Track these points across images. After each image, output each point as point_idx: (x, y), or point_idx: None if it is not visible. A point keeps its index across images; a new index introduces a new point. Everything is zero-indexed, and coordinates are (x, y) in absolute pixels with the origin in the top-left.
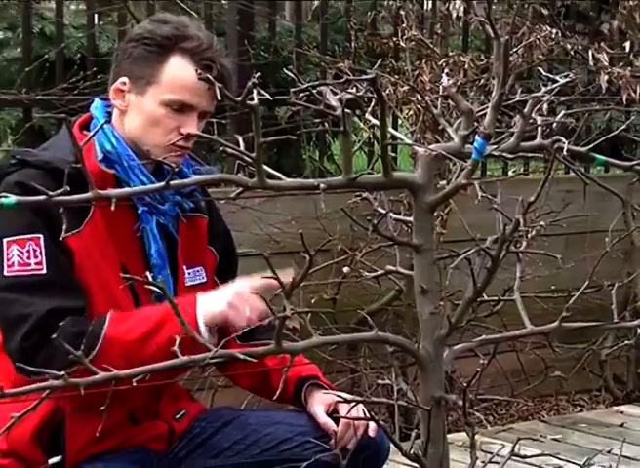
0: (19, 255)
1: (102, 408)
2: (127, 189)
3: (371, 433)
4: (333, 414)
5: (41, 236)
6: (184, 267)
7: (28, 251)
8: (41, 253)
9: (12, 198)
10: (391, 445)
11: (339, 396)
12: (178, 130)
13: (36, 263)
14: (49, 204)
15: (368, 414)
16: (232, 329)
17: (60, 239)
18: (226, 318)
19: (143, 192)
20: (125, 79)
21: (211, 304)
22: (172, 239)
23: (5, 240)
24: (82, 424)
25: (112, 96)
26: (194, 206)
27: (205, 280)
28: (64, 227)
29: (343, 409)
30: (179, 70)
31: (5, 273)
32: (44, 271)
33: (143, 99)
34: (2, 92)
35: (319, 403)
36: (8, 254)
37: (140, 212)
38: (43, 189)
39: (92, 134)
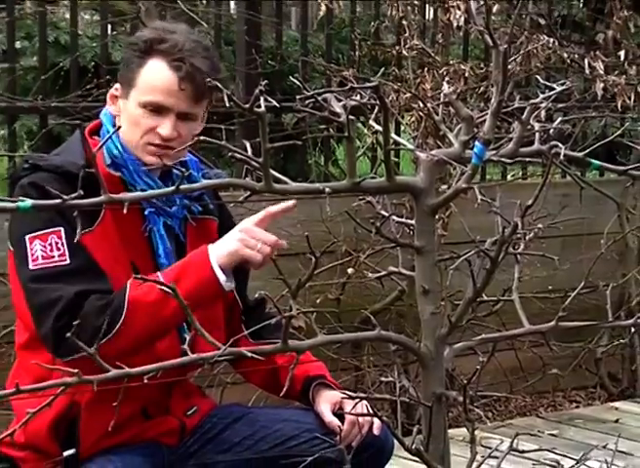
0: (42, 250)
1: (115, 404)
2: (139, 193)
3: (375, 431)
4: (338, 412)
5: (61, 229)
6: None
7: (50, 244)
8: (63, 244)
9: (28, 202)
10: (395, 441)
11: (344, 393)
12: (154, 130)
13: (59, 255)
14: (63, 207)
15: (372, 412)
16: (250, 266)
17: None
18: (241, 256)
19: (155, 196)
20: (117, 85)
21: (222, 248)
22: (180, 240)
23: (27, 236)
24: (96, 418)
25: (108, 102)
26: (204, 208)
27: None
28: (79, 229)
29: (349, 406)
30: (153, 72)
31: (30, 267)
32: (67, 261)
33: (128, 103)
34: (19, 99)
35: (325, 401)
36: (32, 250)
37: (146, 213)
38: (57, 193)
39: (104, 141)
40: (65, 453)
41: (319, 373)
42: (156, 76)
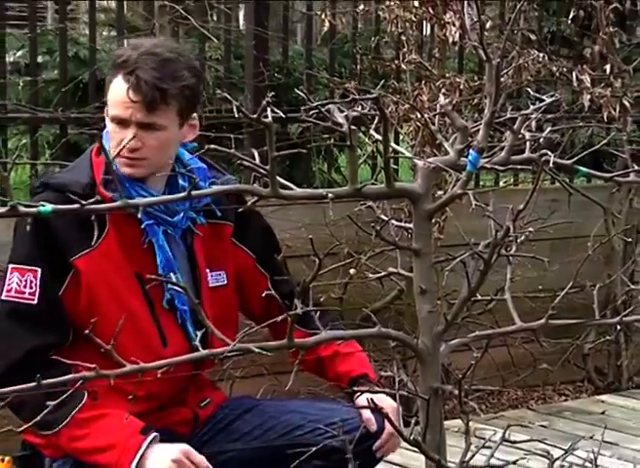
0: (17, 283)
1: (130, 397)
2: (153, 198)
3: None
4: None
5: (39, 270)
6: (207, 270)
7: (26, 280)
8: (36, 285)
9: (48, 207)
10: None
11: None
12: (121, 142)
13: (30, 293)
14: (82, 212)
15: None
16: None
17: (71, 260)
18: None
19: (168, 201)
20: (106, 107)
21: (153, 462)
22: (190, 246)
23: (10, 266)
24: (113, 408)
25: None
26: (222, 213)
27: (226, 283)
28: (99, 240)
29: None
30: (114, 88)
31: (3, 296)
32: (35, 302)
33: (107, 119)
34: (40, 110)
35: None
36: (9, 280)
37: (143, 226)
38: (77, 199)
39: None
40: None
41: (362, 373)
42: (115, 91)
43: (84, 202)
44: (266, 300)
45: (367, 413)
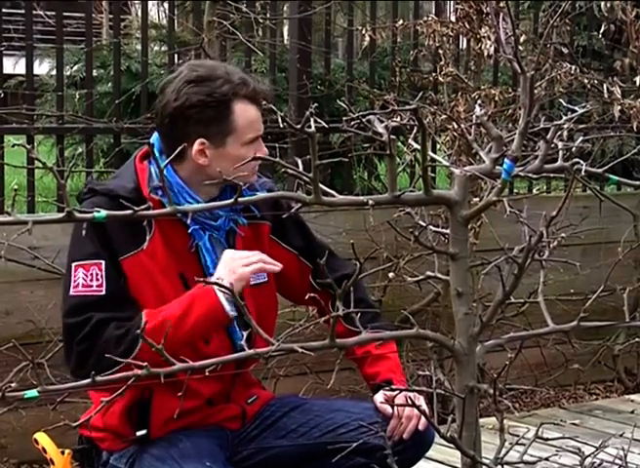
0: (83, 278)
1: (180, 394)
2: (200, 205)
3: (420, 427)
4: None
5: (103, 262)
6: None
7: (92, 274)
8: (102, 276)
9: (103, 212)
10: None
11: (391, 389)
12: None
13: (97, 285)
14: (135, 218)
15: (424, 406)
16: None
17: (120, 259)
18: (240, 278)
19: (216, 207)
20: (202, 140)
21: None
22: (231, 247)
23: (74, 264)
24: (166, 403)
25: (195, 156)
26: (258, 214)
27: (266, 280)
28: (146, 242)
29: (398, 400)
30: (245, 113)
31: (71, 292)
32: (103, 292)
33: (226, 149)
34: (95, 121)
35: (380, 394)
36: (75, 277)
37: (190, 231)
38: (129, 205)
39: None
40: (138, 433)
41: (386, 378)
42: (249, 115)
43: (136, 208)
44: (314, 290)
45: (378, 403)
